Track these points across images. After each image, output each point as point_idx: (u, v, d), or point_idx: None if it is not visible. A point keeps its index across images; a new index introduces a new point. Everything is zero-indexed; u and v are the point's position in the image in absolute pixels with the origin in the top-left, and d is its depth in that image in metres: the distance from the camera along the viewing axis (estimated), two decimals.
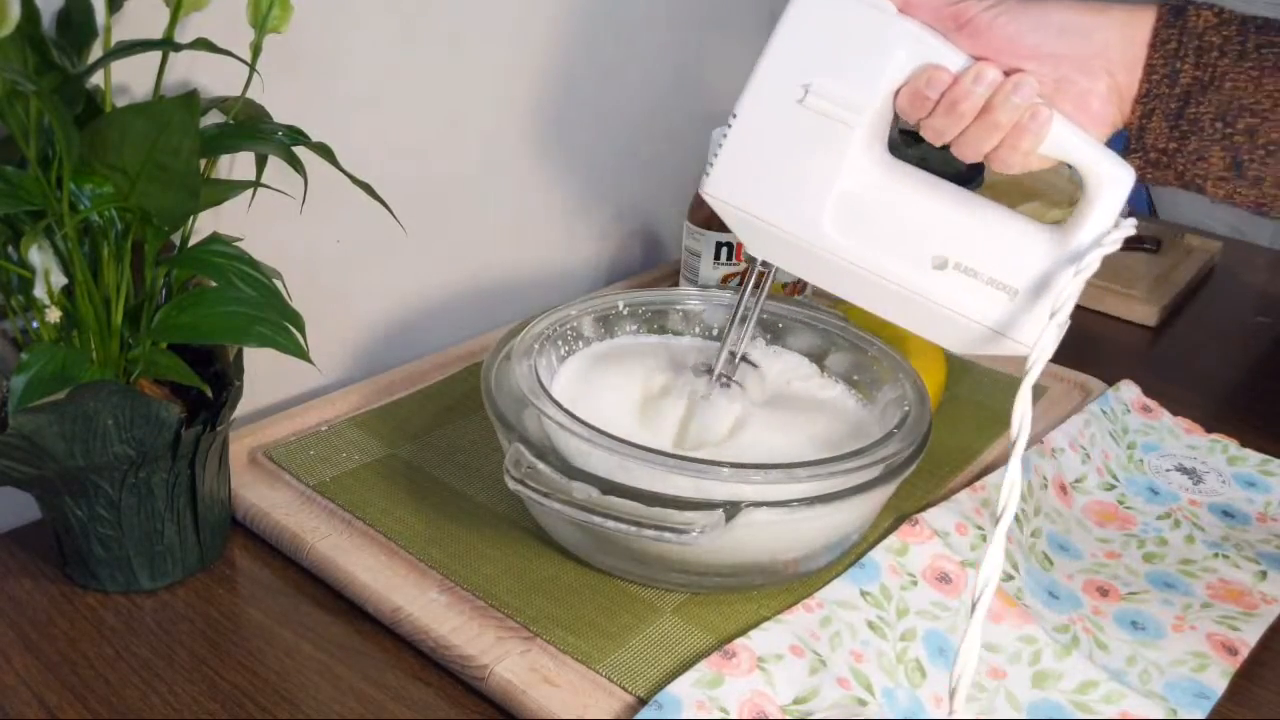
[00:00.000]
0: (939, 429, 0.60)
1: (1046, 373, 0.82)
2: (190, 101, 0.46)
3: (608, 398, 0.62)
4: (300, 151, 0.55)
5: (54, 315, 0.51)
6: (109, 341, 0.53)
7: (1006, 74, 0.52)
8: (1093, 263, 0.52)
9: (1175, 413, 0.78)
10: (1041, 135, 0.52)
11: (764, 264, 0.60)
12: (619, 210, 0.98)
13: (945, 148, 0.55)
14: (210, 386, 0.53)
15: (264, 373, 0.67)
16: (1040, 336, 0.50)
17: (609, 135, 0.93)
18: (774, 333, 0.70)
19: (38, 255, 0.50)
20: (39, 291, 0.51)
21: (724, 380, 0.62)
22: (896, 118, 0.56)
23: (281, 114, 0.58)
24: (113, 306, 0.52)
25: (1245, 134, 0.51)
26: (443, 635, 0.53)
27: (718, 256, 0.81)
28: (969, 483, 0.67)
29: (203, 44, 0.52)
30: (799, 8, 0.55)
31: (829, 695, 0.50)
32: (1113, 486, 0.71)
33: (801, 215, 0.55)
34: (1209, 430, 0.77)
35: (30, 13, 0.48)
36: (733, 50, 1.02)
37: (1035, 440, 0.71)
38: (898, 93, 0.54)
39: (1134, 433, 0.76)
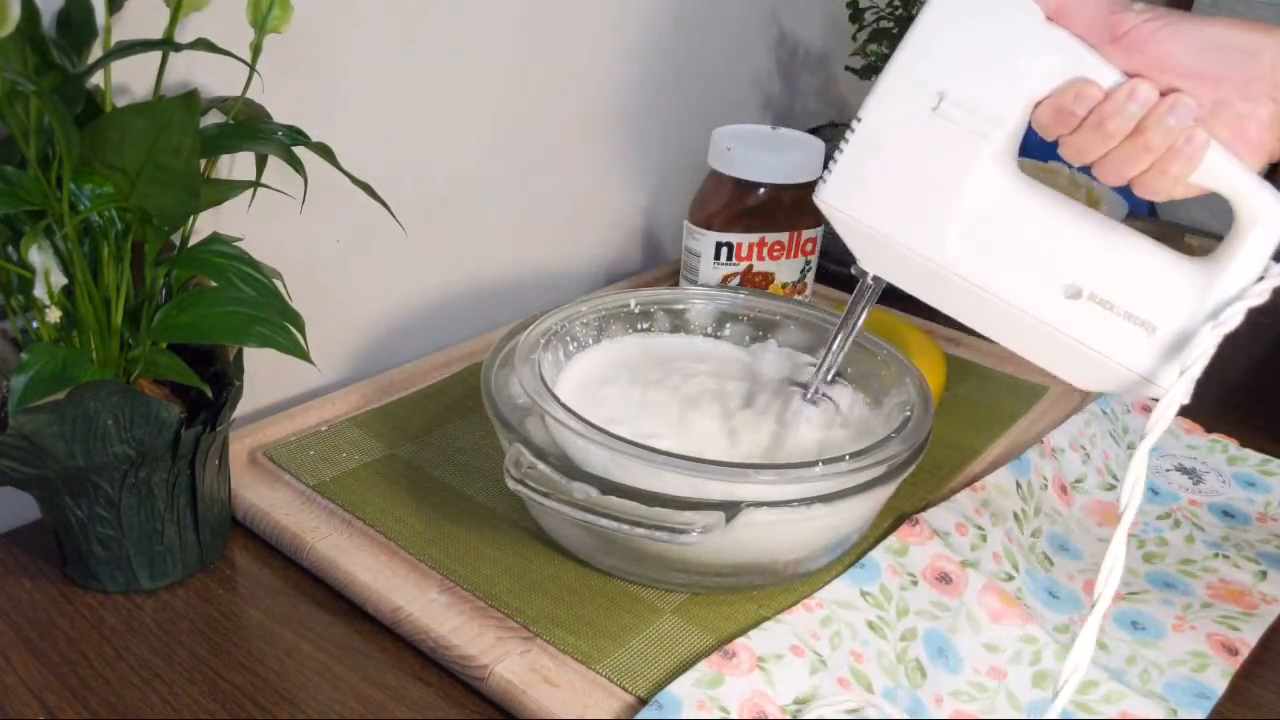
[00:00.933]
0: (939, 429, 0.60)
1: (1046, 373, 0.82)
2: (190, 101, 0.46)
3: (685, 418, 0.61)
4: (300, 151, 0.55)
5: (54, 315, 0.51)
6: (109, 341, 0.53)
7: (1162, 94, 0.48)
8: (1235, 316, 0.49)
9: (1175, 413, 0.78)
10: (1196, 162, 0.48)
11: (874, 278, 0.56)
12: (619, 210, 0.98)
13: None
14: (210, 386, 0.53)
15: (264, 373, 0.67)
16: (1170, 390, 0.47)
17: (609, 135, 0.93)
18: (778, 332, 0.70)
19: (38, 255, 0.50)
20: (39, 291, 0.51)
21: (817, 396, 0.60)
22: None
23: (281, 114, 0.58)
24: (113, 306, 0.52)
25: None
26: (443, 635, 0.53)
27: (718, 256, 0.81)
28: (969, 483, 0.67)
29: (203, 44, 0.52)
30: (937, 7, 0.50)
31: (829, 695, 0.50)
32: (1113, 486, 0.71)
33: (925, 231, 0.52)
34: (1209, 430, 0.77)
35: (30, 13, 0.48)
36: (733, 50, 1.02)
37: (1035, 440, 0.71)
38: (1038, 105, 0.50)
39: (1134, 433, 0.76)
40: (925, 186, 0.52)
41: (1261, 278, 0.49)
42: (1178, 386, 0.47)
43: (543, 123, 0.87)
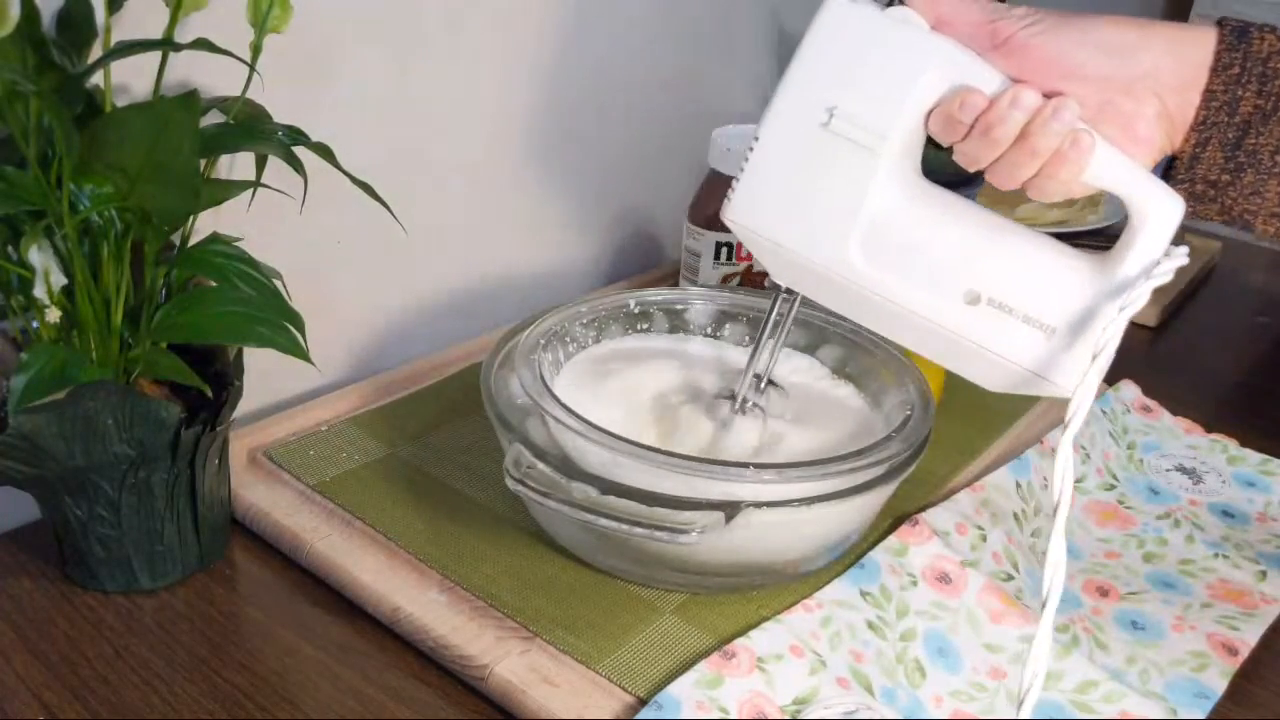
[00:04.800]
0: (939, 429, 0.60)
1: None
2: (190, 101, 0.46)
3: (614, 413, 0.61)
4: (300, 151, 0.55)
5: (54, 315, 0.51)
6: (109, 341, 0.53)
7: (1047, 96, 0.48)
8: (1140, 298, 0.49)
9: (1175, 413, 0.78)
10: (1083, 164, 0.48)
11: (788, 291, 0.57)
12: (619, 210, 0.98)
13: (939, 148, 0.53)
14: (210, 386, 0.53)
15: (264, 373, 0.67)
16: (1082, 381, 0.47)
17: (609, 135, 0.93)
18: (777, 332, 0.70)
19: (38, 255, 0.50)
20: (39, 291, 0.51)
21: (746, 405, 0.60)
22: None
23: (281, 114, 0.58)
24: (113, 306, 0.52)
25: None
26: (443, 635, 0.53)
27: (718, 256, 0.81)
28: (969, 483, 0.67)
29: (203, 44, 0.52)
30: (824, 23, 0.51)
31: (829, 695, 0.50)
32: (1113, 486, 0.71)
33: (826, 244, 0.52)
34: (1209, 430, 0.77)
35: (30, 13, 0.48)
36: (733, 50, 1.02)
37: (1035, 440, 0.71)
38: (929, 115, 0.50)
39: (1134, 433, 0.76)
40: (823, 201, 0.52)
41: (1157, 262, 0.50)
42: (1091, 375, 0.48)
43: (542, 122, 0.87)
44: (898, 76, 0.50)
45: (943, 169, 0.56)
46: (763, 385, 0.61)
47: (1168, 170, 0.51)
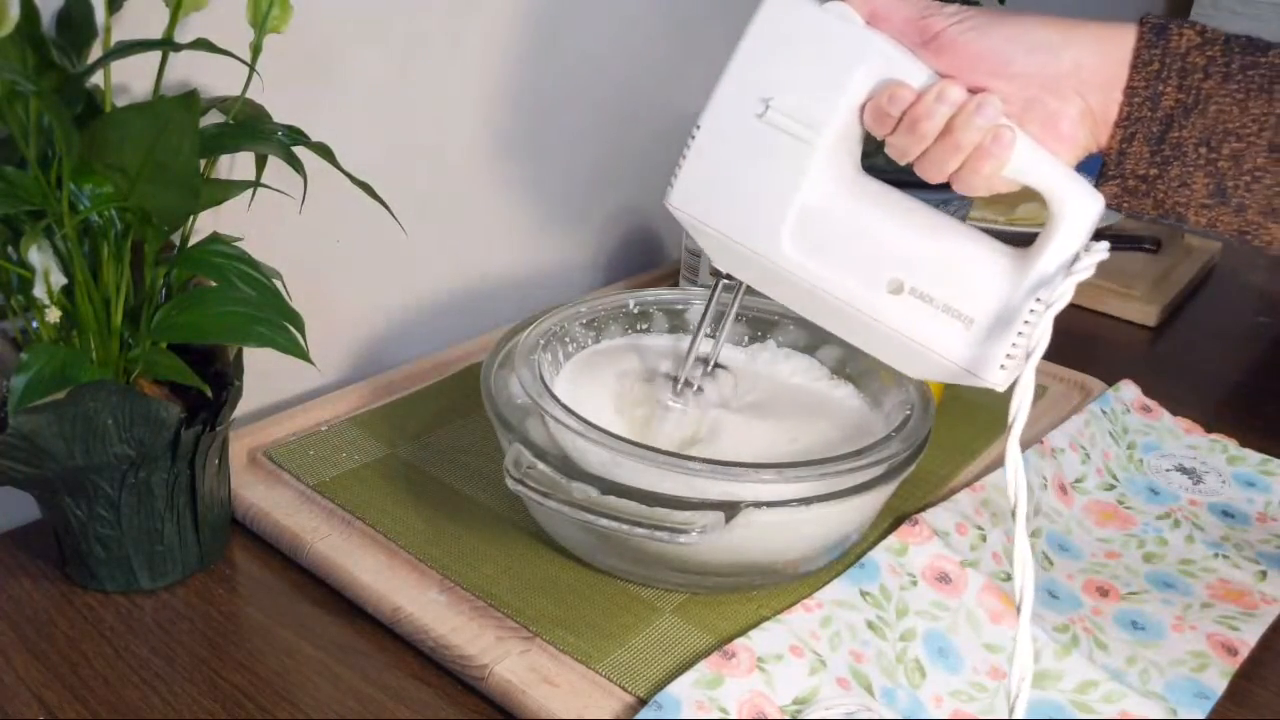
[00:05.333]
0: (939, 429, 0.60)
1: (1046, 373, 0.82)
2: (190, 101, 0.46)
3: (588, 405, 0.61)
4: (300, 151, 0.55)
5: (54, 315, 0.51)
6: (109, 341, 0.53)
7: (973, 92, 0.50)
8: (1065, 294, 0.50)
9: (1175, 413, 0.78)
10: (1003, 159, 0.50)
11: (729, 278, 0.58)
12: (618, 210, 0.98)
13: None
14: (210, 386, 0.53)
15: (264, 373, 0.67)
16: (1021, 384, 0.48)
17: (609, 135, 0.93)
18: (777, 332, 0.70)
19: (38, 255, 0.50)
20: (39, 291, 0.51)
21: (687, 386, 0.61)
22: None
23: (281, 114, 0.58)
24: (113, 306, 0.52)
25: (1230, 159, 0.49)
26: (443, 635, 0.53)
27: None
28: (969, 483, 0.67)
29: (203, 44, 0.52)
30: (764, 18, 0.53)
31: (829, 695, 0.50)
32: (1113, 486, 0.71)
33: (760, 231, 0.54)
34: (1209, 430, 0.77)
35: (30, 13, 0.48)
36: (733, 49, 1.02)
37: (1035, 440, 0.71)
38: (863, 108, 0.52)
39: (1134, 433, 0.76)
40: (759, 190, 0.54)
41: (1078, 258, 0.51)
42: (1026, 375, 0.48)
43: (542, 122, 0.87)
44: (831, 70, 0.52)
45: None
46: (709, 369, 0.62)
47: (1103, 168, 0.52)
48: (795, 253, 0.54)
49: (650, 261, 1.03)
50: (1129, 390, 0.79)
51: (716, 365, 0.63)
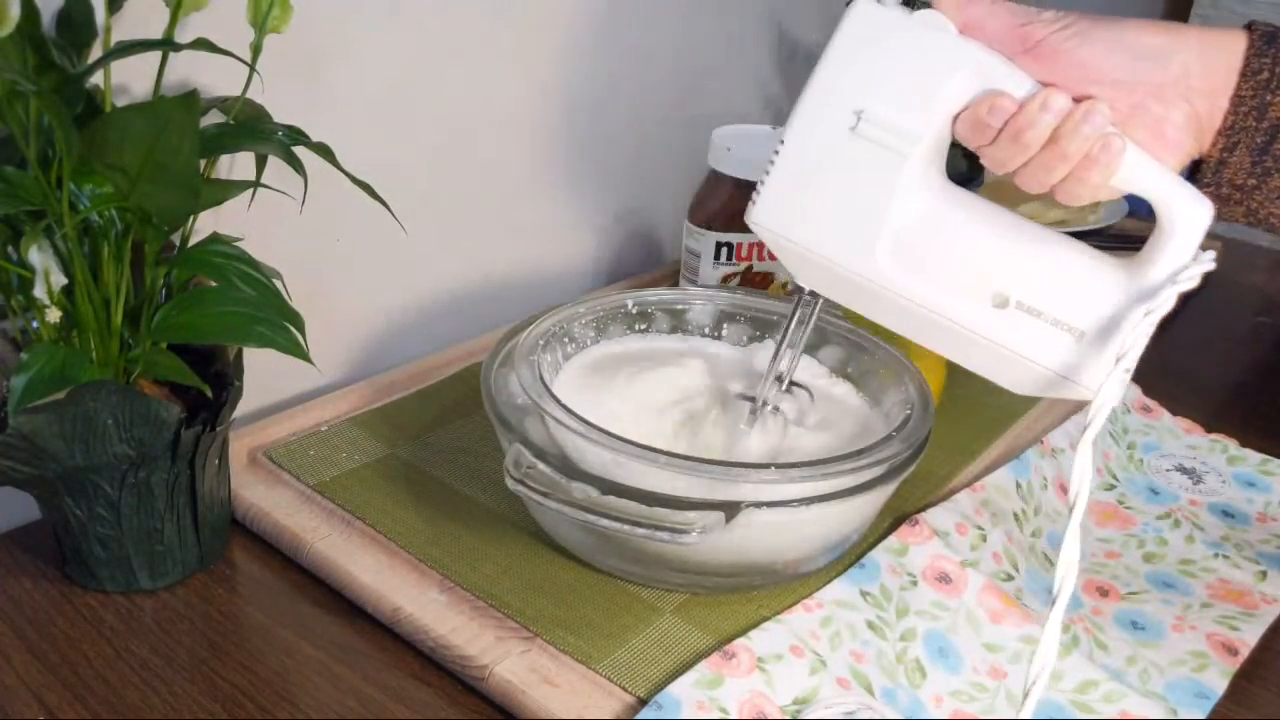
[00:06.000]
0: (939, 429, 0.60)
1: None
2: (190, 101, 0.46)
3: (622, 410, 0.61)
4: (300, 151, 0.55)
5: (54, 315, 0.51)
6: (109, 341, 0.53)
7: (1076, 100, 0.49)
8: (1166, 302, 0.49)
9: (1175, 413, 0.78)
10: (1113, 168, 0.49)
11: (811, 293, 0.57)
12: (619, 210, 0.98)
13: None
14: (210, 386, 0.53)
15: (264, 373, 0.67)
16: (1104, 383, 0.48)
17: (609, 135, 0.93)
18: (777, 332, 0.70)
19: (38, 255, 0.50)
20: (39, 291, 0.51)
21: (766, 409, 0.60)
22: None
23: (281, 114, 0.58)
24: (113, 306, 0.52)
25: None
26: (443, 635, 0.53)
27: (718, 257, 0.81)
28: (969, 483, 0.67)
29: (203, 44, 0.52)
30: (851, 26, 0.51)
31: (829, 695, 0.50)
32: (1113, 486, 0.71)
33: (853, 248, 0.52)
34: (1209, 430, 0.77)
35: (30, 13, 0.48)
36: (733, 50, 1.02)
37: (1035, 440, 0.71)
38: (957, 118, 0.50)
39: (1134, 433, 0.76)
40: (851, 204, 0.52)
41: (1186, 266, 0.50)
42: (1114, 377, 0.48)
43: (543, 122, 0.87)
44: (926, 80, 0.50)
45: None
46: (784, 387, 0.61)
47: (1193, 174, 0.51)
48: (892, 269, 0.52)
49: (650, 261, 1.03)
50: (1129, 390, 0.79)
51: (792, 383, 0.61)
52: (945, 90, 0.50)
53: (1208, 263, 0.50)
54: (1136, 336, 0.49)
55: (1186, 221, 0.49)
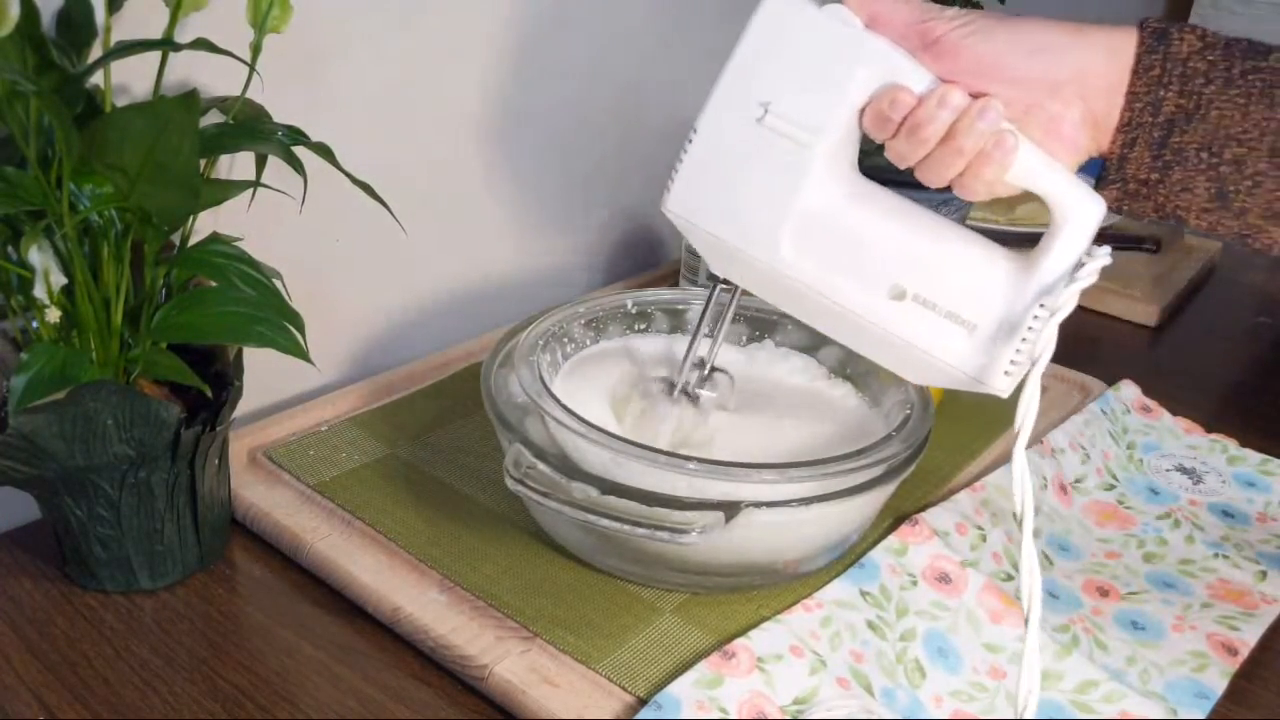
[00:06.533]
0: (939, 429, 0.60)
1: (1046, 373, 0.81)
2: (190, 101, 0.46)
3: (583, 410, 0.61)
4: (300, 151, 0.55)
5: (54, 315, 0.51)
6: (109, 341, 0.53)
7: (974, 97, 0.50)
8: (1069, 301, 0.49)
9: (1175, 413, 0.78)
10: (1006, 164, 0.49)
11: (726, 282, 0.58)
12: (618, 210, 0.98)
13: None
14: (210, 386, 0.53)
15: (264, 373, 0.67)
16: (1027, 391, 0.48)
17: (609, 135, 0.93)
18: (775, 332, 0.70)
19: (38, 255, 0.50)
20: (39, 291, 0.51)
21: (686, 390, 0.61)
22: None
23: (281, 114, 0.58)
24: (113, 306, 0.52)
25: (1232, 164, 0.49)
26: (443, 635, 0.53)
27: None
28: (969, 483, 0.67)
29: (203, 44, 0.52)
30: (762, 21, 0.52)
31: (829, 695, 0.50)
32: (1113, 486, 0.71)
33: (759, 236, 0.53)
34: (1209, 430, 0.77)
35: (30, 13, 0.48)
36: (733, 49, 1.02)
37: (1035, 440, 0.71)
38: (863, 112, 0.51)
39: (1134, 433, 0.76)
40: (758, 194, 0.53)
41: (1081, 264, 0.50)
42: (1032, 382, 0.48)
43: (542, 122, 0.87)
44: (831, 73, 0.51)
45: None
46: (706, 372, 0.61)
47: (1101, 172, 0.52)
48: (795, 257, 0.53)
49: (650, 262, 1.03)
50: (1129, 390, 0.79)
51: (714, 369, 0.62)
52: (850, 84, 0.51)
53: (1103, 258, 0.50)
54: (1044, 336, 0.49)
55: (1078, 217, 0.50)
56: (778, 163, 0.52)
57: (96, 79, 0.51)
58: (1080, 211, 0.50)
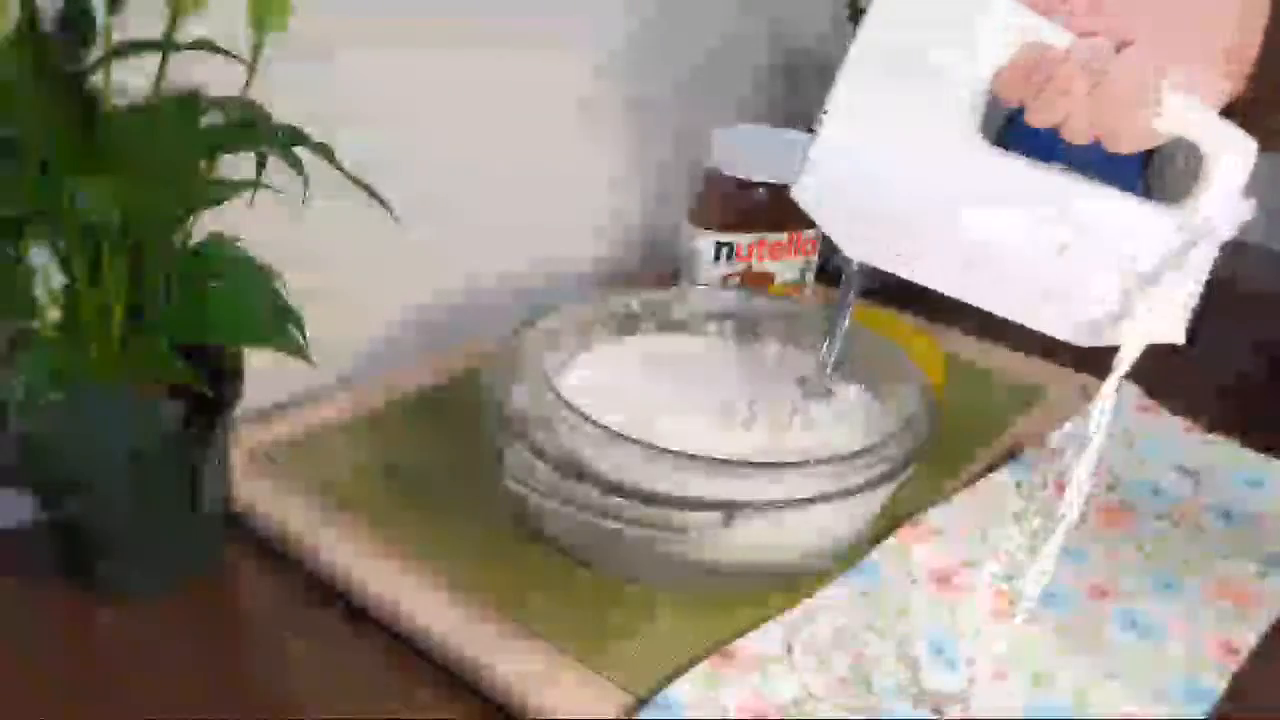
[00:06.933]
0: (939, 429, 0.60)
1: (1046, 373, 0.82)
2: (190, 101, 0.46)
3: (690, 417, 0.61)
4: (300, 151, 0.55)
5: (54, 315, 0.51)
6: (109, 341, 0.53)
7: (1116, 49, 0.48)
8: (1212, 247, 0.50)
9: (1175, 413, 0.78)
10: (1156, 110, 0.49)
11: (859, 266, 0.57)
12: (619, 210, 0.98)
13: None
14: (210, 386, 0.53)
15: (264, 373, 0.67)
16: (1139, 317, 0.50)
17: (609, 135, 0.93)
18: (779, 333, 0.70)
19: (38, 255, 0.50)
20: (39, 291, 0.51)
21: (821, 392, 0.61)
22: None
23: (282, 114, 0.58)
24: (113, 306, 0.52)
25: None
26: (443, 635, 0.53)
27: (718, 256, 0.81)
28: (969, 483, 0.67)
29: (203, 44, 0.52)
30: None
31: (829, 696, 0.50)
32: (1113, 486, 0.71)
33: (918, 196, 0.52)
34: (1209, 430, 0.77)
35: (30, 13, 0.48)
36: (734, 50, 1.02)
37: (1035, 440, 0.71)
38: (998, 75, 0.50)
39: (1134, 433, 0.75)
40: (907, 157, 0.52)
41: (1231, 209, 0.51)
42: (1151, 300, 0.50)
43: (542, 122, 0.87)
44: (969, 34, 0.50)
45: None
46: (828, 371, 0.62)
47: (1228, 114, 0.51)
48: (960, 218, 0.52)
49: (650, 261, 1.03)
50: (1129, 390, 0.79)
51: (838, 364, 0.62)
52: (987, 44, 0.50)
53: (1248, 212, 0.51)
54: (1189, 276, 0.50)
55: (1230, 161, 0.50)
56: (926, 123, 0.51)
57: (96, 79, 0.51)
58: (1232, 154, 0.50)
